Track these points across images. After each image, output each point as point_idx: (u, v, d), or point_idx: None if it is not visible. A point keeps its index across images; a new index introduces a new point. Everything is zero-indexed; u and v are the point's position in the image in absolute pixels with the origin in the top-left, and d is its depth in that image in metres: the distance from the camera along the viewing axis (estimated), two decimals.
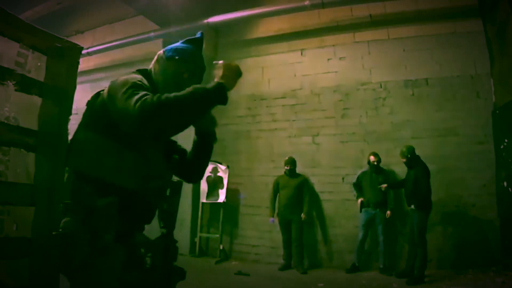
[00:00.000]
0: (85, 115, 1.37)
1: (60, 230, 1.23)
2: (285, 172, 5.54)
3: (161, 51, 1.53)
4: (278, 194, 5.55)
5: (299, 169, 5.65)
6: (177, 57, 1.46)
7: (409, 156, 4.69)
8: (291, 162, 5.50)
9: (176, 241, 1.42)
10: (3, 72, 2.02)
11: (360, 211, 5.13)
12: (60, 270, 1.24)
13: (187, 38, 1.58)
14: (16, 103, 2.09)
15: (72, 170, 1.31)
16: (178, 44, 1.55)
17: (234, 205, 6.24)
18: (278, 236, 5.54)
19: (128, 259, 1.26)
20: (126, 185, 1.26)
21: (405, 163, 4.77)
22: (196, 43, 1.57)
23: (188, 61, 1.48)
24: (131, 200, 1.27)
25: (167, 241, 1.37)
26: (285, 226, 5.40)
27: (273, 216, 5.50)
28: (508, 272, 4.26)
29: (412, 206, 4.60)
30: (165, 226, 1.38)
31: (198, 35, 1.60)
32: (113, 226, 1.21)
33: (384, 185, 4.91)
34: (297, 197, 5.39)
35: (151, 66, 1.53)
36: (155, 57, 1.53)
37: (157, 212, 1.41)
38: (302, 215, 5.32)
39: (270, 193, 5.64)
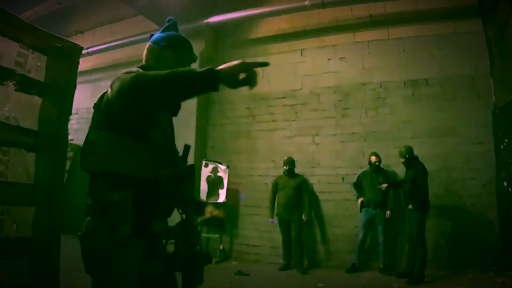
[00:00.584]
0: (94, 117, 1.39)
1: (83, 229, 1.27)
2: (284, 172, 5.53)
3: (149, 44, 1.53)
4: (277, 194, 5.55)
5: (299, 169, 5.65)
6: (172, 44, 1.50)
7: (407, 156, 4.69)
8: (290, 162, 5.50)
9: (197, 226, 1.43)
10: (3, 72, 2.02)
11: (360, 211, 5.13)
12: (85, 269, 1.26)
13: (164, 26, 1.59)
14: (16, 103, 2.09)
15: (87, 171, 1.32)
16: (159, 34, 1.55)
17: (234, 205, 6.24)
18: (278, 236, 5.54)
19: (149, 250, 1.27)
20: (140, 176, 1.27)
21: (403, 163, 4.78)
22: (174, 28, 1.59)
23: (182, 46, 1.51)
24: (148, 191, 1.29)
25: (187, 226, 1.38)
26: (285, 226, 5.40)
27: (272, 217, 5.50)
28: (508, 272, 4.26)
29: (410, 206, 4.60)
30: (184, 212, 1.39)
31: (168, 21, 1.61)
32: (129, 220, 1.23)
33: (385, 185, 4.91)
34: (296, 197, 5.39)
35: (144, 61, 1.52)
36: (145, 51, 1.53)
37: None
38: (303, 217, 5.33)
39: (269, 194, 5.64)
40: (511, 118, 4.55)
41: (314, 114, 6.06)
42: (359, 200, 5.16)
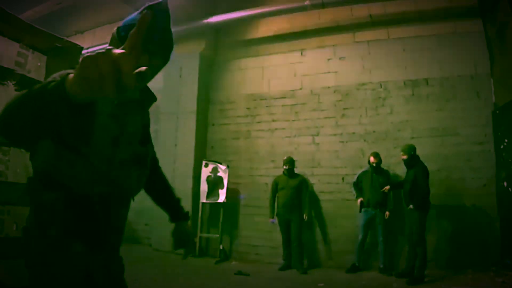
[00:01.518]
0: None
1: (25, 224, 1.19)
2: (283, 172, 5.53)
3: (114, 29, 1.25)
4: (277, 194, 5.54)
5: (299, 169, 5.65)
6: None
7: (411, 153, 4.67)
8: (290, 162, 5.49)
9: (122, 258, 1.27)
10: (3, 72, 2.02)
11: (360, 211, 5.13)
12: (25, 264, 1.16)
13: (146, 5, 1.22)
14: None
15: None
16: (133, 15, 1.25)
17: (234, 205, 6.24)
18: (278, 236, 5.54)
19: (89, 259, 1.15)
20: (68, 184, 1.13)
21: (405, 161, 4.75)
22: (154, 11, 1.18)
23: (144, 39, 1.21)
24: (77, 201, 1.14)
25: (110, 257, 1.22)
26: (285, 226, 5.39)
27: (272, 217, 5.50)
28: (508, 272, 4.26)
29: (411, 206, 4.60)
30: (112, 240, 1.24)
31: None
32: (59, 222, 1.12)
33: (387, 187, 4.91)
34: (296, 197, 5.38)
35: None
36: (110, 38, 1.25)
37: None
38: (304, 217, 5.33)
39: (269, 194, 5.64)
40: (511, 118, 4.55)
41: (313, 114, 6.06)
42: (359, 200, 5.16)
